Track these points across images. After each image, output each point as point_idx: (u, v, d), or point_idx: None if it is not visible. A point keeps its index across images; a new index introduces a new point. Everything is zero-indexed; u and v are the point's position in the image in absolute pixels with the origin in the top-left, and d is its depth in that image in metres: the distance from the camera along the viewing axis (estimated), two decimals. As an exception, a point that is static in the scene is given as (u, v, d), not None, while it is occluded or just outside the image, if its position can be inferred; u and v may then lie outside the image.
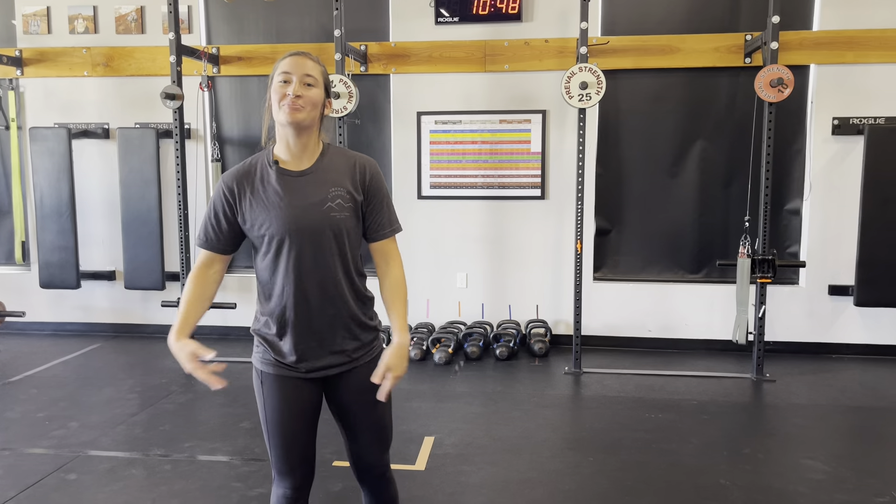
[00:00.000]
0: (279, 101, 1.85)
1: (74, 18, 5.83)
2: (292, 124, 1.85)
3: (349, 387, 2.01)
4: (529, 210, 5.56)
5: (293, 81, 1.85)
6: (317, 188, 1.90)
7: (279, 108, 1.85)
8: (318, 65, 1.91)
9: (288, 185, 1.90)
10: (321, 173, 1.92)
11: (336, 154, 1.97)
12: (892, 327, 5.26)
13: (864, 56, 5.07)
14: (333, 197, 1.90)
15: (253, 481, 3.22)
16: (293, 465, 2.00)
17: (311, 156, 1.93)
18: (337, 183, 1.91)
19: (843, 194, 5.20)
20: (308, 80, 1.86)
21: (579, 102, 4.71)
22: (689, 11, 5.31)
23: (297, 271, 1.89)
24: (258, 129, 5.80)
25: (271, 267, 1.92)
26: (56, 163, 5.65)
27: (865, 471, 3.32)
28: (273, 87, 1.88)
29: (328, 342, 1.96)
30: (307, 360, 1.96)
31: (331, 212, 1.89)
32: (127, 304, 6.02)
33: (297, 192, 1.89)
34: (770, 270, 4.66)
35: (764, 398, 4.41)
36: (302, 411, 1.98)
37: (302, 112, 1.84)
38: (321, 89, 1.90)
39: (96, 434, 3.80)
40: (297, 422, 1.98)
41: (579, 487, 3.17)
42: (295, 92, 1.83)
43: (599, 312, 5.52)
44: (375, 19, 5.61)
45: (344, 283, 1.94)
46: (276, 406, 1.97)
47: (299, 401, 1.98)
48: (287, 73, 1.86)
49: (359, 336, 2.01)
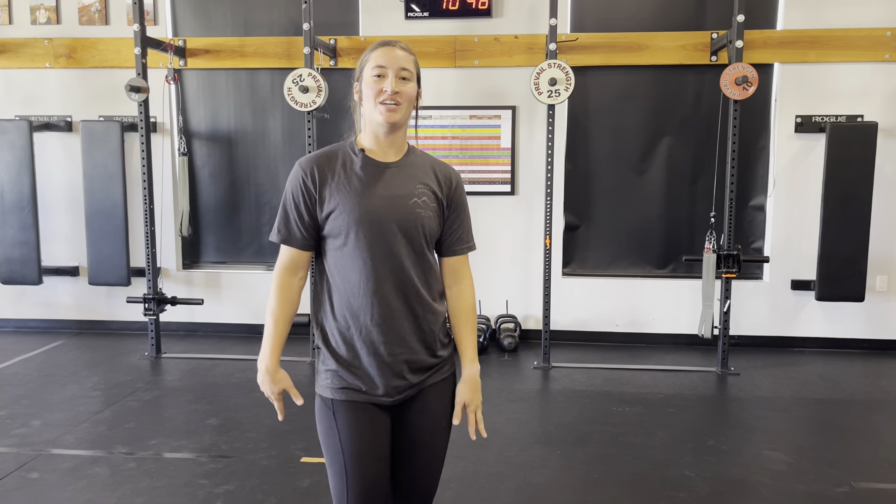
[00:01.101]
0: (375, 96, 1.72)
1: (36, 9, 5.69)
2: (388, 124, 1.74)
3: (414, 409, 1.81)
4: (499, 205, 5.58)
5: (388, 76, 1.72)
6: (404, 181, 1.77)
7: (375, 106, 1.73)
8: (411, 55, 1.79)
9: (373, 174, 1.76)
10: (408, 167, 1.80)
11: (422, 154, 1.87)
12: (852, 321, 5.38)
13: (826, 55, 5.17)
14: (420, 193, 1.77)
15: (219, 478, 3.19)
16: None
17: (398, 150, 1.81)
18: (423, 180, 1.79)
19: (805, 191, 5.30)
20: (404, 73, 1.74)
21: (548, 99, 4.73)
22: (657, 9, 5.37)
23: (377, 270, 1.72)
24: (227, 124, 5.76)
25: (349, 262, 1.74)
26: (17, 156, 5.52)
27: (826, 461, 3.40)
28: (365, 80, 1.75)
29: (408, 357, 1.77)
30: (385, 379, 1.76)
31: (416, 207, 1.75)
32: (91, 301, 5.92)
33: (383, 181, 1.76)
34: (735, 266, 4.74)
35: (728, 391, 4.48)
36: (381, 444, 1.77)
37: (398, 112, 1.73)
38: (415, 82, 1.78)
39: (59, 432, 3.73)
40: (377, 456, 1.75)
41: (547, 481, 3.20)
42: (392, 88, 1.71)
43: (568, 308, 5.57)
44: (345, 13, 5.58)
45: (423, 288, 1.78)
46: (353, 439, 1.73)
47: (378, 431, 1.76)
48: (382, 66, 1.73)
49: (434, 351, 1.83)
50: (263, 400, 4.24)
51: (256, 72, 5.71)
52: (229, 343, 5.54)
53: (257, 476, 3.22)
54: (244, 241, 5.86)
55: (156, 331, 5.20)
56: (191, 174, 5.80)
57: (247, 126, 5.80)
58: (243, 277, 5.81)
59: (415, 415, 1.81)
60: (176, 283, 5.83)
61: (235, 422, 3.89)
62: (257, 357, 1.86)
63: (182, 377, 4.71)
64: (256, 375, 1.85)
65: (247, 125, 5.80)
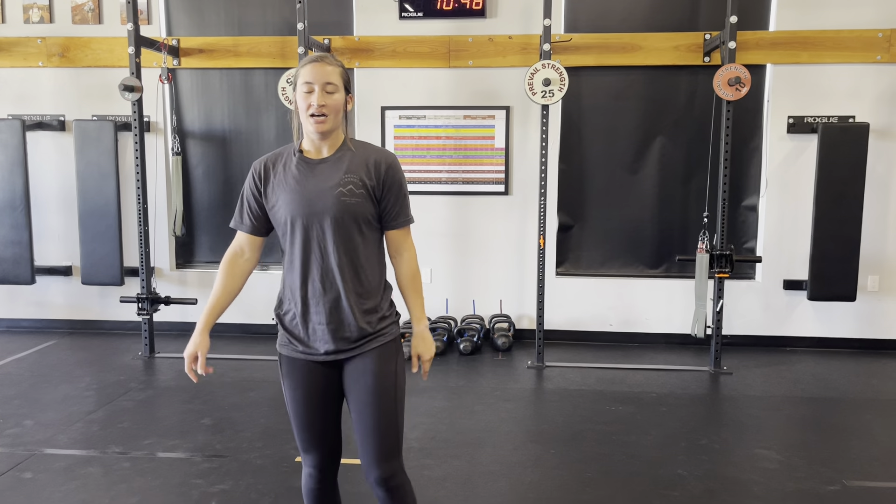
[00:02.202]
0: (305, 110, 1.96)
1: (29, 7, 5.68)
2: (319, 134, 1.99)
3: (355, 369, 2.05)
4: (493, 205, 5.59)
5: (315, 91, 1.95)
6: (332, 174, 2.00)
7: (306, 118, 1.97)
8: (337, 67, 2.00)
9: (306, 171, 2.02)
10: (339, 161, 2.02)
11: (357, 146, 2.07)
12: (844, 321, 5.42)
13: (818, 56, 5.20)
14: (346, 182, 1.99)
15: (214, 478, 3.19)
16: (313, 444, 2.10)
17: (331, 147, 2.04)
18: (351, 170, 2.01)
19: (797, 191, 5.33)
20: (329, 87, 1.96)
21: (542, 99, 4.75)
22: (651, 10, 5.39)
23: (309, 253, 2.00)
24: (220, 123, 5.76)
25: (289, 249, 2.03)
26: (9, 155, 5.50)
27: (817, 460, 3.42)
28: (298, 94, 1.98)
29: (336, 325, 2.02)
30: (317, 344, 2.03)
31: (342, 196, 1.97)
32: (84, 300, 5.90)
33: (314, 176, 2.01)
34: (728, 265, 4.76)
35: (721, 390, 4.51)
36: (319, 392, 2.06)
37: (326, 123, 1.97)
38: (342, 92, 2.00)
39: (52, 432, 3.72)
40: (314, 400, 2.06)
41: (541, 479, 3.21)
42: (318, 102, 1.94)
43: (562, 307, 5.58)
44: (339, 13, 5.58)
45: (348, 268, 2.01)
46: (293, 388, 2.07)
47: (314, 383, 2.06)
48: (309, 82, 1.95)
49: (366, 322, 2.04)
50: (257, 399, 4.24)
51: (250, 71, 5.71)
52: (223, 343, 5.53)
53: (252, 475, 3.22)
54: (238, 240, 5.84)
55: (149, 330, 5.19)
56: (184, 174, 5.79)
57: (241, 125, 5.79)
58: (237, 277, 5.79)
59: (358, 376, 2.05)
60: (169, 282, 5.82)
61: (229, 421, 3.89)
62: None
63: (175, 377, 4.70)
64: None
65: (241, 125, 5.79)
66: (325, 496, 2.14)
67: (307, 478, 2.13)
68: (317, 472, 2.11)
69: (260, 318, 5.73)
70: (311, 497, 2.14)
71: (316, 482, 2.12)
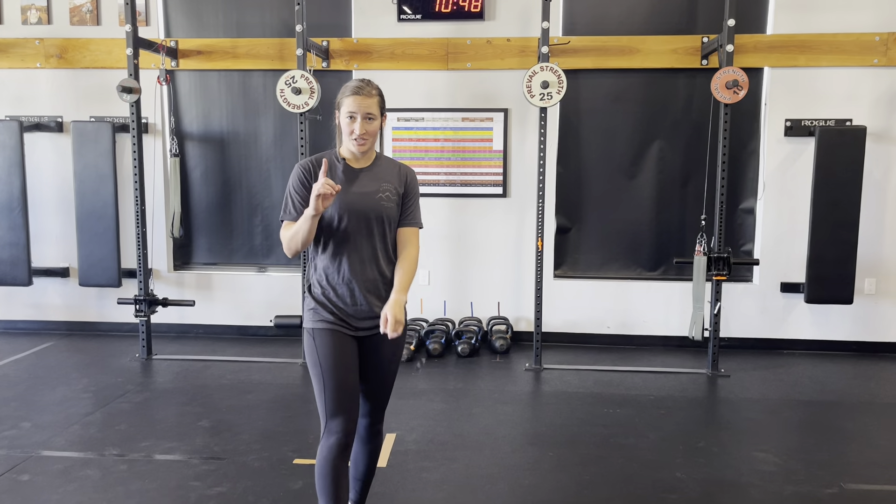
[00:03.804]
0: (349, 134, 2.32)
1: (27, 9, 5.67)
2: (360, 152, 2.36)
3: (374, 343, 2.40)
4: (491, 208, 5.59)
5: (357, 119, 2.29)
6: (372, 181, 2.39)
7: (349, 140, 2.33)
8: (377, 97, 2.33)
9: (350, 177, 2.38)
10: (376, 171, 2.42)
11: (387, 160, 2.49)
12: (841, 324, 5.43)
13: (815, 59, 5.21)
14: (384, 189, 2.39)
15: (211, 480, 3.18)
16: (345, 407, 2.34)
17: (367, 159, 2.43)
18: (387, 180, 2.41)
19: (794, 194, 5.34)
20: (370, 116, 2.31)
21: (540, 101, 4.75)
22: (649, 13, 5.40)
23: (352, 243, 2.34)
24: (219, 125, 5.77)
25: (334, 240, 2.34)
26: (7, 156, 5.49)
27: (815, 463, 3.43)
28: (342, 119, 2.33)
29: (367, 304, 2.36)
30: (354, 319, 2.36)
31: (381, 201, 2.37)
32: (81, 302, 5.89)
33: (357, 182, 2.38)
34: (725, 268, 4.77)
35: (718, 393, 4.51)
36: (350, 361, 2.35)
37: (366, 145, 2.35)
38: (379, 119, 2.35)
39: (49, 434, 3.72)
40: (346, 368, 2.33)
41: (539, 482, 3.21)
42: (360, 130, 2.29)
43: (559, 309, 5.58)
44: (338, 15, 5.58)
45: (383, 258, 2.39)
46: (330, 354, 2.32)
47: (349, 352, 2.35)
48: (352, 112, 2.29)
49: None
50: (255, 402, 4.24)
51: (249, 73, 5.70)
52: (221, 344, 5.53)
53: (249, 478, 3.21)
54: (236, 242, 5.85)
55: (147, 332, 5.18)
56: (182, 175, 5.78)
57: (239, 127, 5.79)
58: (235, 279, 5.80)
59: (375, 350, 2.42)
60: (167, 284, 5.81)
61: (227, 423, 3.88)
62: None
63: (173, 379, 4.70)
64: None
65: (239, 126, 5.79)
66: (343, 467, 2.31)
67: (332, 447, 2.29)
68: (343, 436, 2.29)
69: (257, 321, 5.72)
70: (330, 467, 2.29)
71: (339, 450, 2.29)
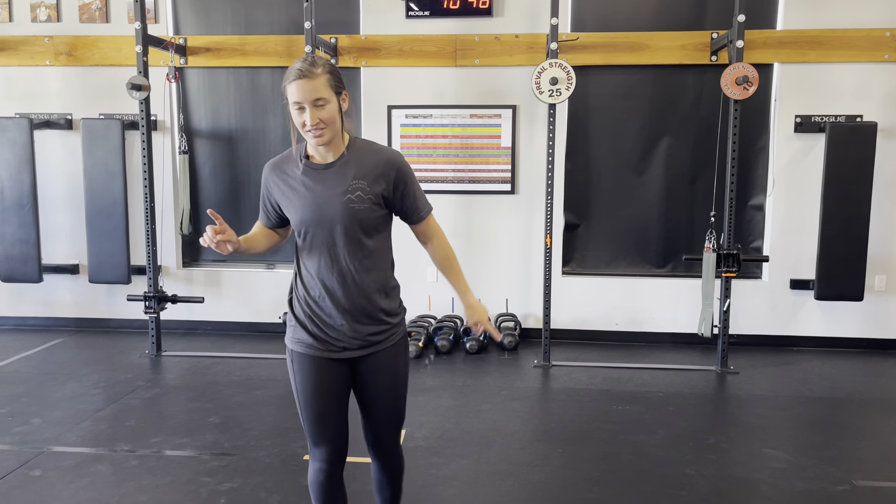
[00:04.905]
0: (300, 127, 1.96)
1: (37, 6, 5.69)
2: (320, 146, 2.00)
3: (369, 368, 2.13)
4: (499, 205, 5.59)
5: (306, 108, 1.92)
6: (339, 180, 2.01)
7: (304, 134, 1.97)
8: (323, 75, 1.93)
9: (312, 178, 2.03)
10: (344, 166, 2.02)
11: (362, 147, 2.07)
12: (850, 321, 5.40)
13: (826, 55, 5.18)
14: (353, 189, 1.99)
15: (222, 476, 3.20)
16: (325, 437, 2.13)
17: (336, 151, 2.03)
18: (359, 176, 2.01)
19: (804, 191, 5.32)
20: (319, 102, 1.92)
21: (549, 98, 4.74)
22: (658, 9, 5.38)
23: (326, 256, 2.04)
24: (227, 122, 5.77)
25: (305, 251, 2.08)
26: (17, 154, 5.52)
27: (825, 459, 3.42)
28: (291, 113, 1.97)
29: (349, 326, 2.07)
30: (332, 340, 2.08)
31: (350, 203, 1.99)
32: (91, 298, 5.92)
33: (320, 183, 2.02)
34: (735, 265, 4.75)
35: (728, 390, 4.50)
36: (331, 388, 2.10)
37: (325, 136, 1.95)
38: (334, 101, 1.95)
39: (60, 430, 3.74)
40: (326, 396, 2.09)
41: (548, 478, 3.21)
42: (312, 120, 1.92)
43: (568, 306, 5.58)
44: (346, 12, 5.58)
45: (363, 270, 2.05)
46: (304, 381, 2.09)
47: (327, 377, 2.09)
48: (298, 101, 1.92)
49: (378, 321, 2.11)
50: (264, 398, 4.25)
51: (257, 70, 5.71)
52: (230, 341, 5.54)
53: (260, 474, 3.22)
54: (244, 239, 5.85)
55: (156, 329, 5.20)
56: (191, 172, 5.80)
57: (247, 124, 5.80)
58: (243, 276, 5.82)
59: (372, 374, 2.14)
60: (176, 281, 5.83)
61: (237, 420, 3.90)
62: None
63: (182, 375, 4.71)
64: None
65: (247, 123, 5.80)
66: (334, 490, 2.16)
67: (317, 472, 2.14)
68: (327, 465, 2.13)
69: (266, 318, 5.74)
70: (320, 490, 2.15)
71: (325, 476, 2.13)
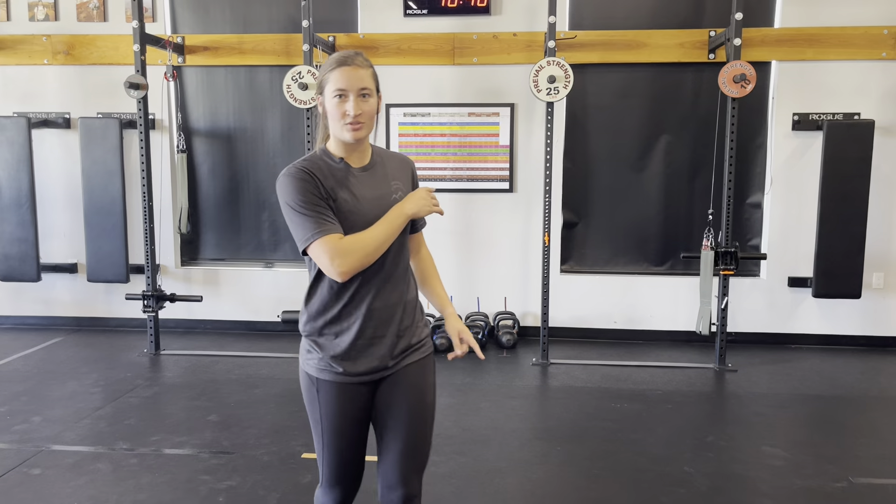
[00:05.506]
0: (340, 117, 1.79)
1: (34, 5, 5.69)
2: (356, 141, 1.83)
3: (393, 387, 1.93)
4: (498, 203, 5.59)
5: (350, 98, 1.78)
6: (380, 181, 1.91)
7: (341, 127, 1.80)
8: (370, 68, 1.83)
9: (359, 179, 1.87)
10: (379, 168, 1.93)
11: (384, 152, 1.99)
12: (849, 318, 5.41)
13: (823, 53, 5.19)
14: (396, 189, 1.92)
15: (221, 474, 3.20)
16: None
17: (363, 153, 1.91)
18: (395, 177, 1.94)
19: (802, 188, 5.32)
20: (364, 92, 1.80)
21: (547, 96, 4.74)
22: (655, 7, 5.38)
23: (375, 264, 1.84)
24: (226, 121, 5.76)
25: None
26: (15, 153, 5.52)
27: (824, 457, 3.42)
28: (328, 101, 1.81)
29: (391, 338, 1.90)
30: (364, 361, 1.88)
31: (397, 202, 1.89)
32: (90, 297, 5.92)
33: (364, 185, 1.88)
34: (733, 263, 4.76)
35: (726, 388, 4.51)
36: (357, 420, 1.93)
37: (363, 130, 1.81)
38: (375, 95, 1.85)
39: (60, 428, 3.74)
40: (353, 432, 1.93)
41: (547, 476, 3.22)
42: (355, 110, 1.78)
43: (566, 304, 5.58)
44: (344, 10, 5.58)
45: (405, 275, 1.95)
46: (333, 416, 1.90)
47: (355, 409, 1.91)
48: (342, 89, 1.78)
49: (412, 333, 1.96)
50: (263, 396, 4.25)
51: (255, 69, 5.71)
52: (228, 340, 5.55)
53: (259, 472, 3.23)
54: (243, 238, 5.86)
55: (155, 327, 5.20)
56: (190, 171, 5.80)
57: (246, 123, 5.80)
58: (242, 274, 5.82)
59: (398, 394, 1.92)
60: (175, 279, 5.83)
61: (236, 418, 3.90)
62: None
63: (181, 374, 4.72)
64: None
65: (246, 122, 5.80)
66: None
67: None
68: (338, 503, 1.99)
69: (265, 316, 5.73)
70: None
71: None
